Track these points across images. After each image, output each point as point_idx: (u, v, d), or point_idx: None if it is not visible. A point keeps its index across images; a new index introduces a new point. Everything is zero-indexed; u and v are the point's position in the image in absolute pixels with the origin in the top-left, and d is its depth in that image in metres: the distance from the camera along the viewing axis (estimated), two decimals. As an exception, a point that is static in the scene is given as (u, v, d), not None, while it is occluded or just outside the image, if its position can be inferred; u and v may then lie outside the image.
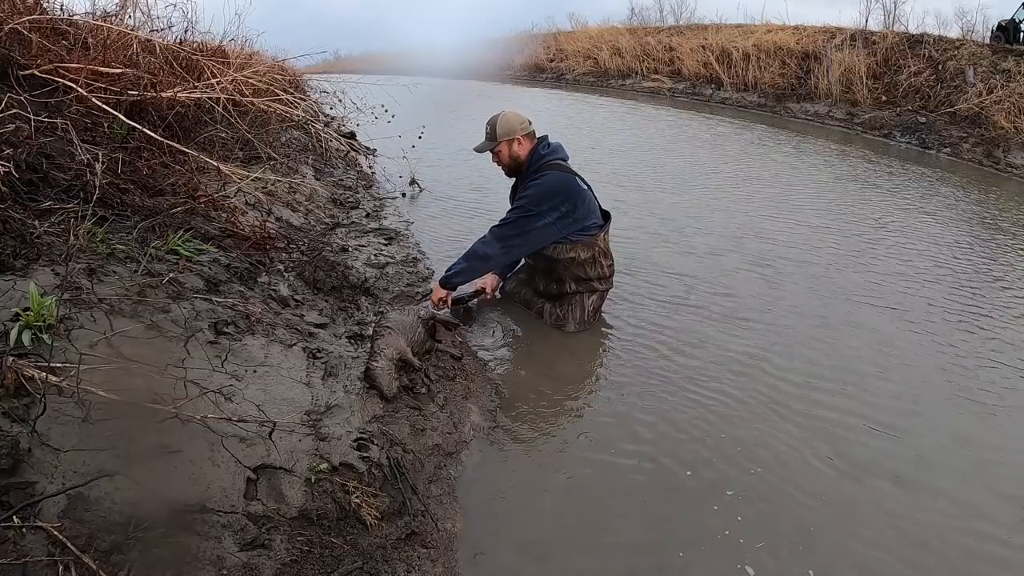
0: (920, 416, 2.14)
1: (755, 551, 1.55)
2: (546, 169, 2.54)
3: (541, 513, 1.66)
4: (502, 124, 2.57)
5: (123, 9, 3.32)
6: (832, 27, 11.12)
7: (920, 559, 1.56)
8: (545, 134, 2.67)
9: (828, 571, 1.51)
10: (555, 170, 2.54)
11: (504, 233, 2.52)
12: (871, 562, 1.54)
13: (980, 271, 3.58)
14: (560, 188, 2.50)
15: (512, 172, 2.68)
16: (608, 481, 1.79)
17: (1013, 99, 7.37)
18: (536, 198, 2.48)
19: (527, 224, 2.49)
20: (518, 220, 2.50)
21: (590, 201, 2.60)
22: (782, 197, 5.00)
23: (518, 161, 2.61)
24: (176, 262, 1.97)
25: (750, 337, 2.62)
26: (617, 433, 2.00)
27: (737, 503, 1.71)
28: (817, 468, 1.86)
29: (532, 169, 2.58)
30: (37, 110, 2.17)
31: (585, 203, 2.56)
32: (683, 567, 1.51)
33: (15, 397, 1.22)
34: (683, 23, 15.51)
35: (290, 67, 6.25)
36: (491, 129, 2.59)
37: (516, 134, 2.57)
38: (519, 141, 2.58)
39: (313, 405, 1.67)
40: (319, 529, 1.38)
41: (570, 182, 2.54)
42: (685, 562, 1.52)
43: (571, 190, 2.52)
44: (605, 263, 2.66)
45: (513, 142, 2.58)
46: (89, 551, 1.05)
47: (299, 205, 3.52)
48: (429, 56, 16.91)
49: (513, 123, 2.57)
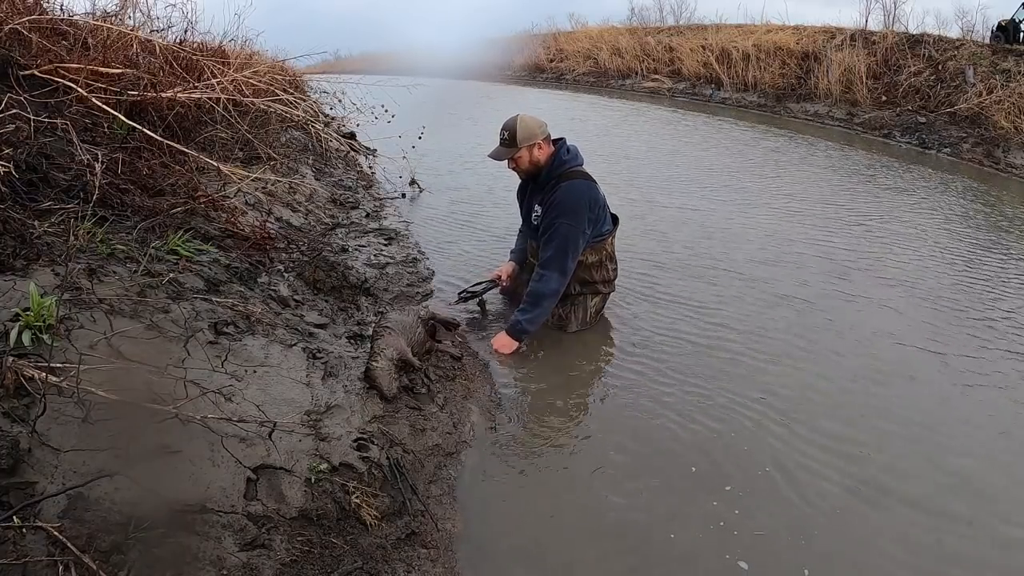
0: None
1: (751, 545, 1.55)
2: (568, 177, 2.48)
3: (541, 513, 1.66)
4: (522, 129, 2.44)
5: (123, 9, 3.33)
6: (832, 27, 11.13)
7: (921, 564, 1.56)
8: (562, 136, 2.60)
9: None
10: (577, 178, 2.49)
11: (561, 261, 2.44)
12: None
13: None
14: (588, 199, 2.46)
15: (529, 177, 2.59)
16: (609, 480, 1.79)
17: (1013, 99, 7.37)
18: (572, 212, 2.42)
19: (574, 243, 2.44)
20: (567, 243, 2.43)
21: (605, 206, 2.60)
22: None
23: (539, 166, 2.51)
24: (176, 262, 1.97)
25: (768, 344, 2.62)
26: (618, 433, 2.00)
27: (736, 500, 1.71)
28: (823, 475, 1.86)
29: (554, 176, 2.50)
30: (37, 110, 2.18)
31: (604, 210, 2.57)
32: (682, 565, 1.51)
33: (15, 397, 1.22)
34: (683, 23, 15.53)
35: (290, 67, 6.26)
36: (508, 134, 2.46)
37: (537, 138, 2.46)
38: (540, 146, 2.48)
39: (313, 405, 1.67)
40: (319, 529, 1.38)
41: (594, 189, 2.52)
42: (684, 559, 1.53)
43: (597, 198, 2.51)
44: (611, 267, 2.67)
45: (534, 147, 2.47)
46: (89, 551, 1.05)
47: (299, 205, 3.52)
48: (429, 56, 16.92)
49: (532, 127, 2.46)
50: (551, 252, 2.44)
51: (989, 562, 1.56)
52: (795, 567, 1.51)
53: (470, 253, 3.49)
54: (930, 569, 1.53)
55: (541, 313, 2.46)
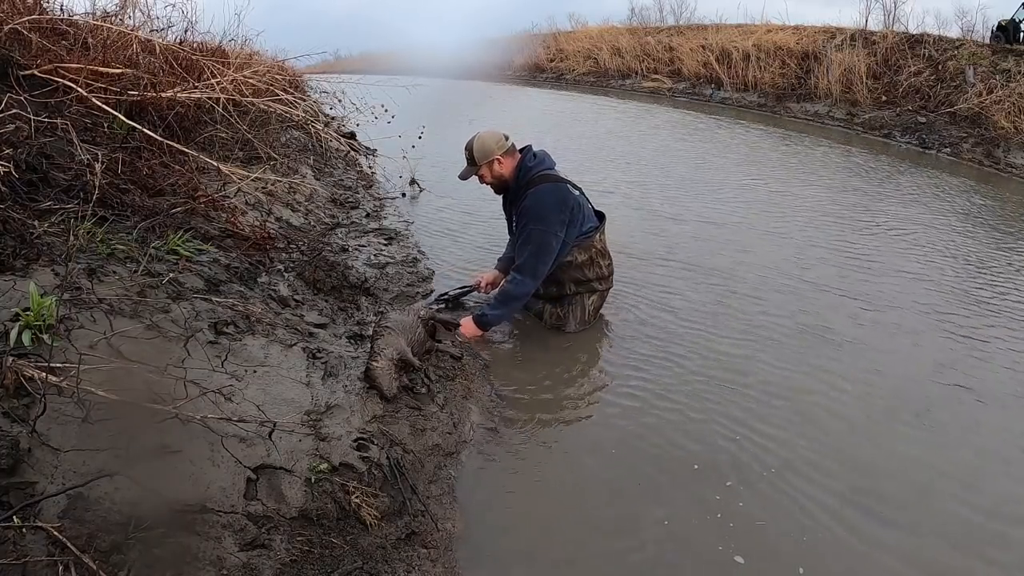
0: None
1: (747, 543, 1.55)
2: (536, 183, 2.52)
3: (541, 513, 1.66)
4: (479, 147, 2.53)
5: (123, 9, 3.32)
6: (832, 27, 11.12)
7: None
8: (528, 144, 2.63)
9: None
10: (545, 182, 2.52)
11: (532, 265, 2.49)
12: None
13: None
14: (556, 200, 2.50)
15: (500, 189, 2.66)
16: (609, 480, 1.79)
17: (1013, 99, 7.37)
18: (540, 218, 2.47)
19: (547, 247, 2.49)
20: (539, 248, 2.47)
21: (584, 206, 2.61)
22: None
23: (503, 179, 2.59)
24: (176, 262, 1.97)
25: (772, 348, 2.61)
26: (618, 432, 2.00)
27: (736, 500, 1.71)
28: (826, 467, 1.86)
29: (521, 184, 2.55)
30: (37, 110, 2.18)
31: (580, 209, 2.58)
32: (683, 561, 1.52)
33: (15, 397, 1.22)
34: (683, 23, 15.51)
35: (290, 67, 6.26)
36: (469, 154, 2.55)
37: (494, 154, 2.52)
38: (499, 161, 2.54)
39: (313, 405, 1.67)
40: (319, 529, 1.38)
41: (562, 191, 2.53)
42: (685, 557, 1.53)
43: (566, 199, 2.52)
44: (603, 263, 2.67)
45: (493, 163, 2.54)
46: (89, 551, 1.05)
47: (299, 205, 3.52)
48: (429, 56, 16.91)
49: (489, 144, 2.52)
50: (524, 257, 2.52)
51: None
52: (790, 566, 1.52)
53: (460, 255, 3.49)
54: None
55: (507, 312, 2.57)
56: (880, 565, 1.53)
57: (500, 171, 2.56)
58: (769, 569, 1.51)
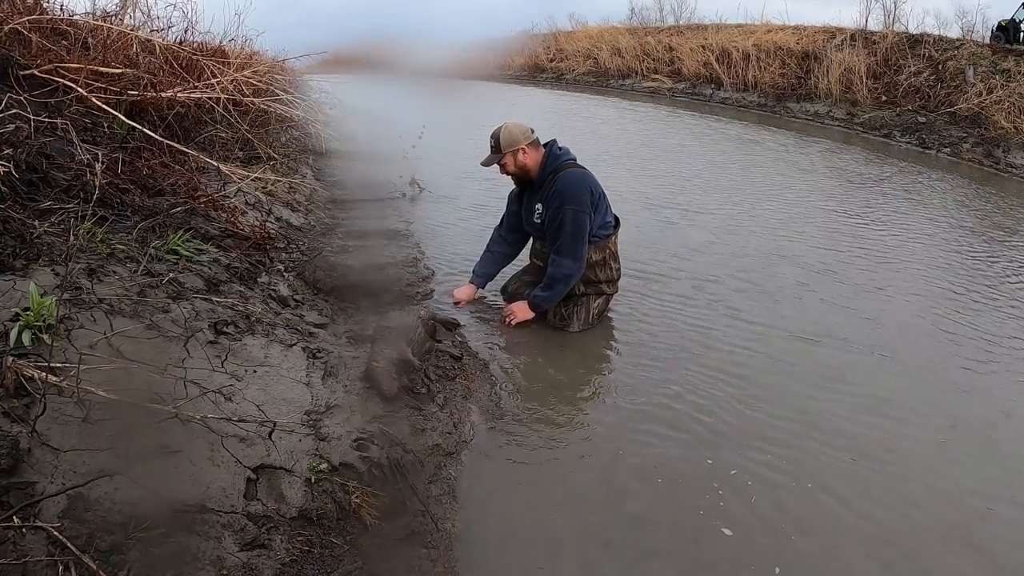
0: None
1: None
2: (563, 168, 2.59)
3: (541, 513, 1.66)
4: (505, 136, 2.58)
5: (123, 9, 3.32)
6: (832, 27, 11.11)
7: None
8: (553, 138, 2.70)
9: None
10: (572, 168, 2.60)
11: (571, 245, 2.53)
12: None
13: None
14: (587, 185, 2.58)
15: (521, 180, 2.71)
16: (609, 481, 1.79)
17: (1013, 99, 7.37)
18: (573, 198, 2.53)
19: (583, 227, 2.54)
20: (575, 228, 2.52)
21: (605, 198, 2.68)
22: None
23: (525, 170, 2.63)
24: (176, 262, 1.97)
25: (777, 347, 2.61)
26: (618, 433, 2.00)
27: (742, 506, 1.71)
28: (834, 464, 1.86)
29: (549, 172, 2.60)
30: (37, 110, 2.17)
31: (604, 199, 2.66)
32: (693, 569, 1.51)
33: (15, 397, 1.22)
34: (683, 23, 15.49)
35: (290, 67, 6.24)
36: (495, 142, 2.61)
37: (520, 144, 2.58)
38: (524, 151, 2.59)
39: (313, 405, 1.67)
40: (319, 529, 1.38)
41: (590, 176, 2.62)
42: (693, 562, 1.53)
43: (595, 184, 2.61)
44: (614, 266, 2.72)
45: (518, 152, 2.59)
46: (89, 551, 1.05)
47: (299, 205, 3.52)
48: (429, 56, 16.88)
49: (516, 134, 2.59)
50: (562, 239, 2.55)
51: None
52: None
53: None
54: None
55: (554, 295, 2.60)
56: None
57: (524, 160, 2.61)
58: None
